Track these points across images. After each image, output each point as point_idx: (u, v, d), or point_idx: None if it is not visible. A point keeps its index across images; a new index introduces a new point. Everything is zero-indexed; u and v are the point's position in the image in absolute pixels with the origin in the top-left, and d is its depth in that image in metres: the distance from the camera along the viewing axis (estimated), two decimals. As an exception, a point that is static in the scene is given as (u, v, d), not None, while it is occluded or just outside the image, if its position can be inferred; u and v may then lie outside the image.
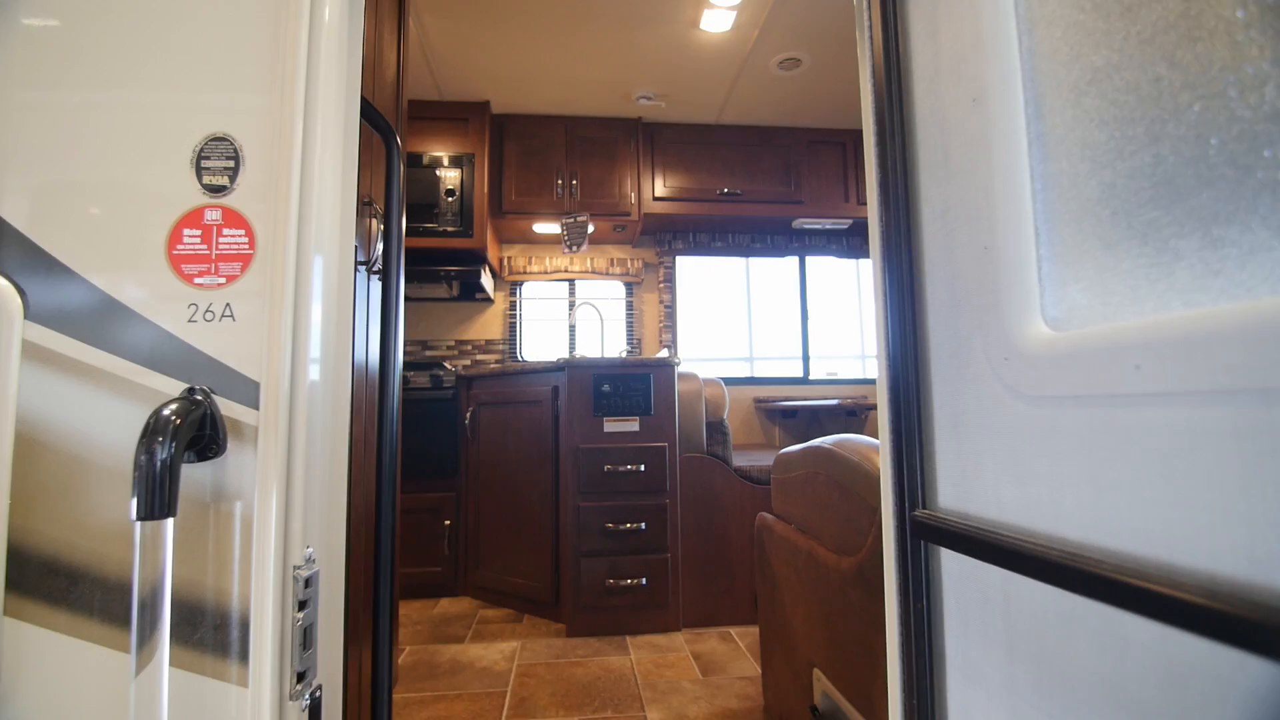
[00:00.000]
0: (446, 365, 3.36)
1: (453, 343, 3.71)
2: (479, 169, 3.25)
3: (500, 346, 3.74)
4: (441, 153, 3.25)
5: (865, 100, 0.84)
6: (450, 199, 3.20)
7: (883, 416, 0.81)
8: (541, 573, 2.55)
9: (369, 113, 0.89)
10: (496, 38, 2.81)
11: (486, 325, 3.74)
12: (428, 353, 3.69)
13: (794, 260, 4.09)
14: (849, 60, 2.99)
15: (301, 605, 0.72)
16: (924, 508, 0.72)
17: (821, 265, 4.12)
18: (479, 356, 3.72)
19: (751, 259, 4.06)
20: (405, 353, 3.65)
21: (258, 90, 0.77)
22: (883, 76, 0.77)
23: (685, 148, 3.56)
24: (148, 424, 0.67)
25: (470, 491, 2.86)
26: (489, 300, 3.73)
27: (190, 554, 0.74)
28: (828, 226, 3.78)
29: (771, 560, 1.71)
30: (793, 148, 3.63)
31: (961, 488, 0.67)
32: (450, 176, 3.21)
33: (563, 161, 3.45)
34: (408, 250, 3.19)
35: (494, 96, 3.30)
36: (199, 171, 0.76)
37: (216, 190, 0.76)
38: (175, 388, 0.73)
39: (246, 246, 0.75)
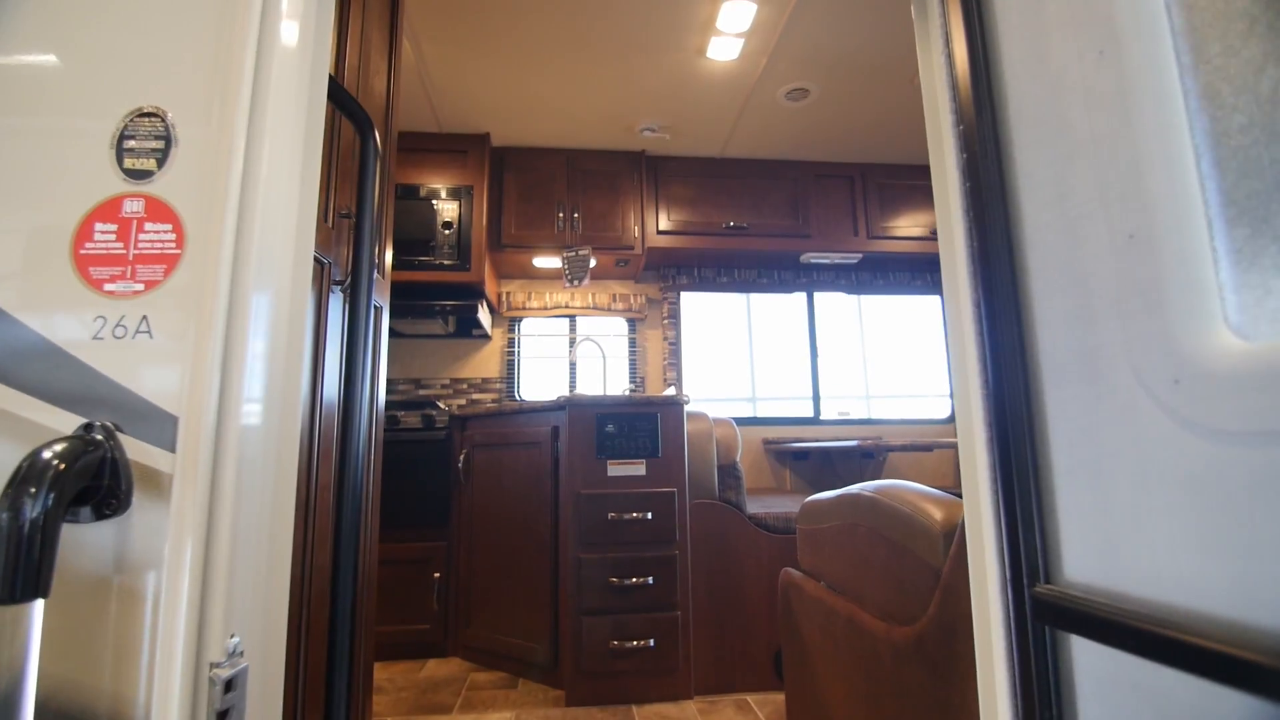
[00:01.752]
0: (440, 404, 3.19)
1: (447, 381, 3.55)
2: (478, 201, 3.14)
3: (497, 385, 3.57)
4: (439, 185, 3.15)
5: (934, 73, 0.71)
6: (447, 231, 3.08)
7: (977, 463, 0.64)
8: (538, 632, 2.32)
9: (338, 95, 0.75)
10: (497, 68, 2.73)
11: (483, 363, 3.59)
12: (421, 391, 3.52)
13: (802, 296, 3.96)
14: (858, 91, 2.92)
15: (221, 717, 0.54)
16: (1046, 582, 0.55)
17: (830, 302, 4.00)
18: (475, 396, 3.55)
19: (758, 295, 3.93)
20: (397, 391, 3.48)
21: (198, 55, 0.62)
22: (964, 40, 0.64)
23: (690, 181, 3.47)
24: (17, 471, 0.50)
25: (462, 541, 2.65)
26: (486, 337, 3.58)
27: (79, 646, 0.56)
28: (836, 261, 3.67)
29: (800, 624, 1.51)
30: (800, 181, 3.54)
31: (1108, 557, 0.50)
32: (448, 208, 3.11)
33: (564, 194, 3.35)
34: (402, 284, 3.05)
35: (494, 129, 3.22)
36: (120, 154, 0.61)
37: (140, 176, 0.61)
38: (70, 423, 0.57)
39: (173, 245, 0.60)
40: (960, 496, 1.12)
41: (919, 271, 3.96)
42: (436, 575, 2.62)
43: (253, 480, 0.58)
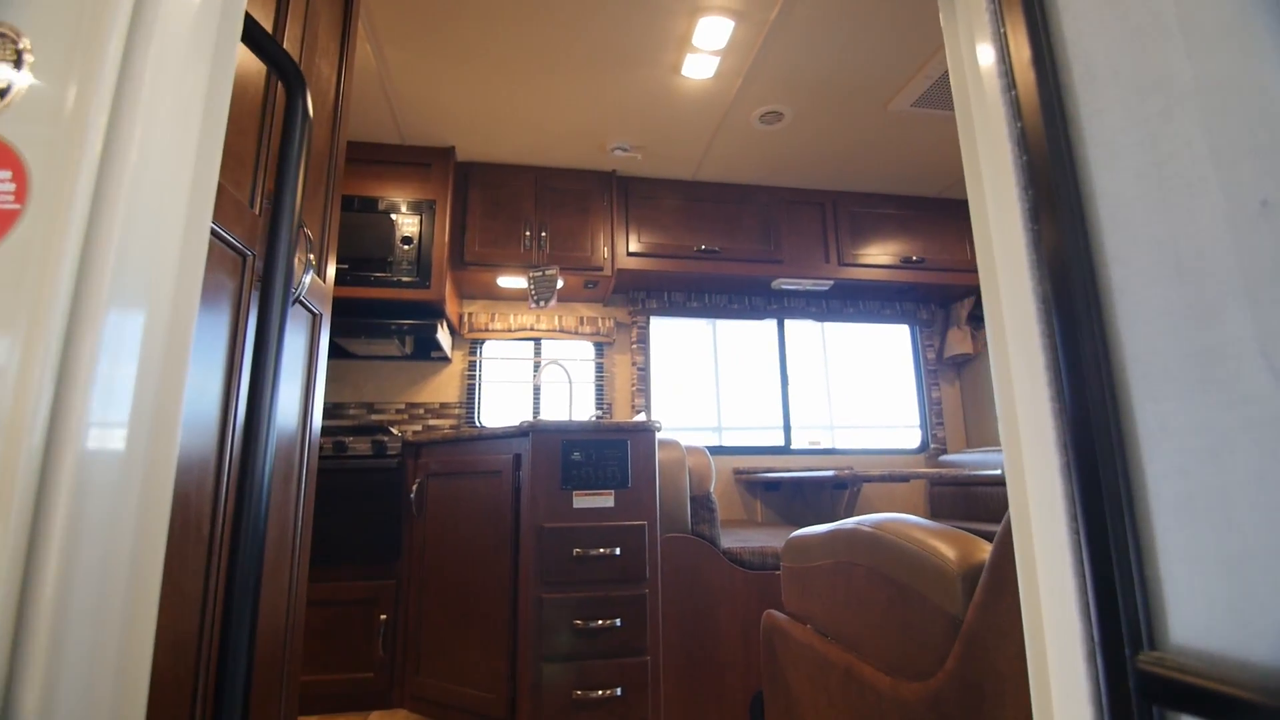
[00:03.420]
0: (393, 430, 2.99)
1: (402, 405, 3.34)
2: (440, 217, 2.99)
3: (456, 410, 3.38)
4: (400, 198, 2.99)
5: (960, 38, 0.61)
6: (407, 247, 2.92)
7: (1032, 494, 0.53)
8: (495, 681, 2.12)
9: (258, 38, 0.61)
10: (465, 79, 2.62)
11: (442, 387, 3.39)
12: (373, 416, 3.30)
13: (772, 323, 3.90)
14: (832, 117, 2.90)
15: None
16: (1150, 648, 0.43)
17: (800, 329, 3.94)
18: (432, 421, 3.35)
19: (727, 321, 3.85)
20: (347, 416, 3.26)
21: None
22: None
23: (661, 203, 3.39)
24: None
25: (413, 579, 2.44)
26: (445, 359, 3.40)
27: None
28: (808, 287, 3.62)
29: (785, 672, 1.37)
30: (772, 206, 3.50)
31: (1244, 616, 0.39)
32: (408, 223, 2.95)
33: (531, 212, 3.23)
34: (356, 301, 2.87)
35: (459, 142, 3.10)
36: (-55, 81, 0.46)
37: (-30, 109, 0.46)
38: None
39: (11, 199, 0.45)
40: (961, 530, 1.01)
41: (889, 300, 3.95)
42: (383, 617, 2.39)
43: (99, 523, 0.42)
